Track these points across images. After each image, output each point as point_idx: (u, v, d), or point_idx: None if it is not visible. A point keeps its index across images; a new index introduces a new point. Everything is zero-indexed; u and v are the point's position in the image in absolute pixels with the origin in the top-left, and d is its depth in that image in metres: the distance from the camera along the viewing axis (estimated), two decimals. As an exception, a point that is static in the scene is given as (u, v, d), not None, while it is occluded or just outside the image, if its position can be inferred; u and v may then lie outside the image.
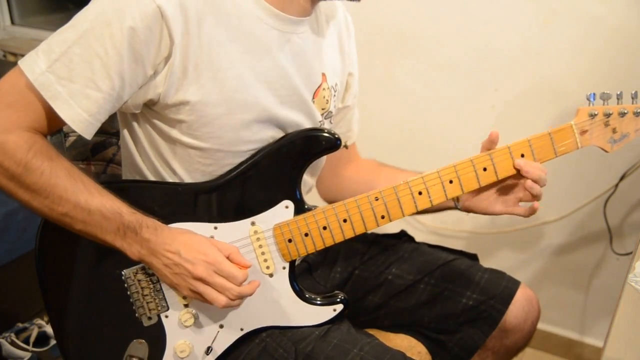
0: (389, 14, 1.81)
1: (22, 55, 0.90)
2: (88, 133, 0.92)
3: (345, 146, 1.03)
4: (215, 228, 1.01)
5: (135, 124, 1.02)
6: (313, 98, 1.07)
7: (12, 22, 2.61)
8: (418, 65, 1.83)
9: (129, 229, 0.92)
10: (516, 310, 1.18)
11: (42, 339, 1.81)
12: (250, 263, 0.98)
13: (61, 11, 2.73)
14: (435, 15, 1.75)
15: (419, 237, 1.35)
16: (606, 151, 1.02)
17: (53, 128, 0.93)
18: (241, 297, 0.96)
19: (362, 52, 1.23)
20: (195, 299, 0.97)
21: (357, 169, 1.29)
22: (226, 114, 0.96)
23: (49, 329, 1.84)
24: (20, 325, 1.83)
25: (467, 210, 1.12)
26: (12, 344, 1.75)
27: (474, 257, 1.28)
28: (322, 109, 1.10)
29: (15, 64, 0.90)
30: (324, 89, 1.09)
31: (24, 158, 0.87)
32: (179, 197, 1.01)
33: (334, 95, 1.13)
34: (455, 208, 1.13)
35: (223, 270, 0.93)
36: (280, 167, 1.01)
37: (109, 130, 1.25)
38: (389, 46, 1.84)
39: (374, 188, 1.02)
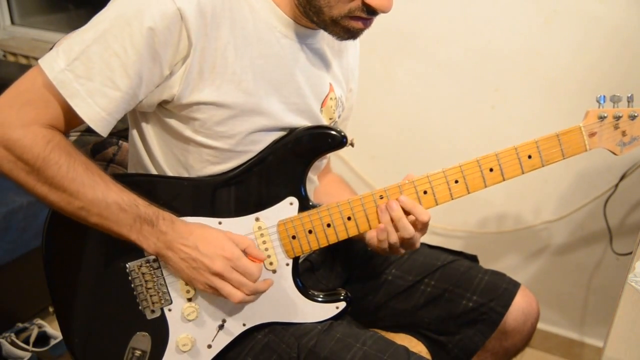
0: (389, 14, 1.81)
1: (22, 56, 0.90)
2: (105, 131, 0.93)
3: (352, 144, 1.03)
4: (220, 223, 1.01)
5: (144, 124, 1.02)
6: (321, 107, 1.08)
7: (12, 22, 2.59)
8: (418, 65, 1.83)
9: (145, 221, 0.93)
10: (515, 312, 1.18)
11: (42, 339, 1.81)
12: (264, 255, 0.98)
13: (61, 11, 2.72)
14: (435, 15, 1.75)
15: (419, 237, 1.35)
16: (615, 154, 1.01)
17: (71, 126, 0.94)
18: (256, 293, 0.97)
19: (362, 52, 1.23)
20: (211, 293, 0.98)
21: (327, 182, 1.27)
22: (237, 117, 0.96)
23: (49, 329, 1.84)
24: (20, 325, 1.83)
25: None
26: (12, 344, 1.75)
27: (473, 259, 1.28)
28: (330, 119, 1.11)
29: (15, 64, 0.90)
30: (331, 98, 1.10)
31: (42, 152, 0.88)
32: (184, 191, 1.01)
33: (339, 106, 1.14)
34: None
35: (240, 266, 0.94)
36: (286, 164, 1.01)
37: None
38: (389, 46, 1.84)
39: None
